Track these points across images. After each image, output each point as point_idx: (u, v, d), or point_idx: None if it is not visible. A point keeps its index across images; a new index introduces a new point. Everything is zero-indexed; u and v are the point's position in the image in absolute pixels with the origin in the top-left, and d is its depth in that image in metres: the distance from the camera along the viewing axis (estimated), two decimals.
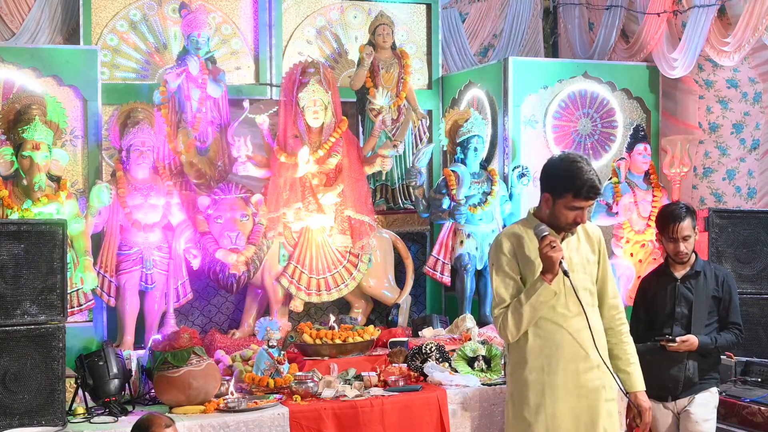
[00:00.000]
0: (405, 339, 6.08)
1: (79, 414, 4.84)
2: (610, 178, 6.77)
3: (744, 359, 5.64)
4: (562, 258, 3.72)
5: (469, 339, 5.95)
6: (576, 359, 3.85)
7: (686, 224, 4.76)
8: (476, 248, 6.58)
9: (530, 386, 3.87)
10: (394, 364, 5.66)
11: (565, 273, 3.73)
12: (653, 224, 6.13)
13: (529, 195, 6.80)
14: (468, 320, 6.27)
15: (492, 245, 4.00)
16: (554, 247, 3.71)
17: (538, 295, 3.76)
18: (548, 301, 3.78)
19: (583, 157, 3.87)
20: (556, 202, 3.83)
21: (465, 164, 6.61)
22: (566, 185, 3.80)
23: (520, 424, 3.91)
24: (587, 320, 3.78)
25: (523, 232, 3.92)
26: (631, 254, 6.75)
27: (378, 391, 5.28)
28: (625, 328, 4.09)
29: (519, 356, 3.92)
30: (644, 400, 4.06)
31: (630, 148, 6.79)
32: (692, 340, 4.74)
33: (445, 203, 6.57)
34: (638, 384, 4.06)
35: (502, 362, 5.63)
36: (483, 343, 5.81)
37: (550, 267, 3.73)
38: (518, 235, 3.93)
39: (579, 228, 3.93)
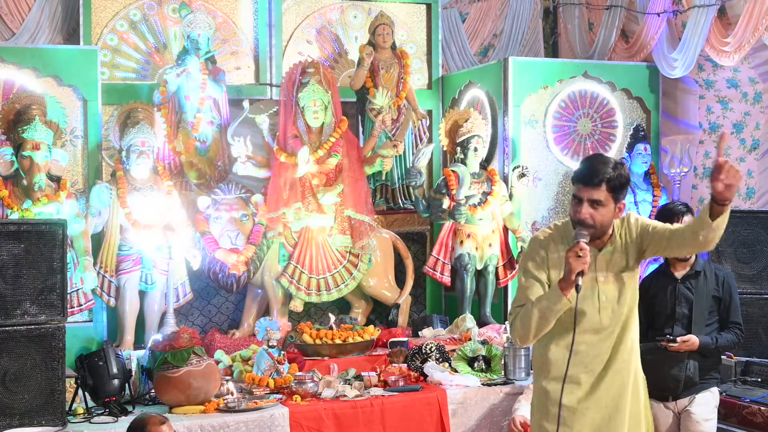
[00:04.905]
0: (405, 339, 6.07)
1: (79, 414, 4.84)
2: None
3: (744, 359, 5.64)
4: (582, 272, 3.36)
5: (469, 339, 5.94)
6: (594, 373, 3.56)
7: (686, 221, 4.75)
8: (476, 248, 6.57)
9: (549, 396, 3.58)
10: (394, 364, 5.66)
11: (577, 288, 3.36)
12: None
13: (529, 195, 6.80)
14: (468, 320, 6.27)
15: (527, 244, 3.78)
16: (580, 256, 3.35)
17: (549, 301, 3.43)
18: (561, 311, 3.43)
19: (605, 156, 3.59)
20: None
21: (465, 164, 6.61)
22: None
23: None
24: (572, 341, 3.45)
25: (557, 233, 3.62)
26: None
27: (378, 391, 5.28)
28: None
29: (541, 362, 3.65)
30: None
31: (630, 148, 6.79)
32: (693, 340, 4.73)
33: (445, 203, 6.56)
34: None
35: (502, 362, 5.64)
36: (483, 343, 5.81)
37: (567, 275, 3.38)
38: (551, 235, 3.63)
39: (625, 232, 3.58)
